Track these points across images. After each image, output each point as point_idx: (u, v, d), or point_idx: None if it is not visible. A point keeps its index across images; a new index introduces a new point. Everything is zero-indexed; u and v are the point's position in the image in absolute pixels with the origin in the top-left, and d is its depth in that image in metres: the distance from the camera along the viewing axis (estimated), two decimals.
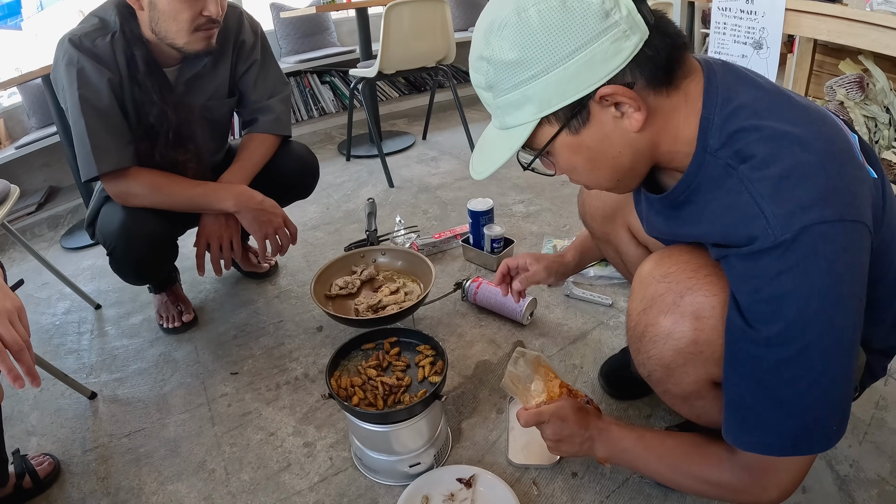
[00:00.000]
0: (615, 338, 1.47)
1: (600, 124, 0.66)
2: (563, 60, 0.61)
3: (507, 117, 0.69)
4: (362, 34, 2.96)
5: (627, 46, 0.61)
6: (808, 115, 0.65)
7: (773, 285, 0.61)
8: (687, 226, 0.74)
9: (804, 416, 0.65)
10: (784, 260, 0.60)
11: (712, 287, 0.71)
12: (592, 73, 0.62)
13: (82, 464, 1.24)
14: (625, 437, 0.90)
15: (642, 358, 0.79)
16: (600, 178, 0.73)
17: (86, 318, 1.79)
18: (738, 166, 0.64)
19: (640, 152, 0.69)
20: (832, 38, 1.76)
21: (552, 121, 0.66)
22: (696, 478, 0.80)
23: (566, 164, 0.71)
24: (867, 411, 1.19)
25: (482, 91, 0.69)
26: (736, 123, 0.64)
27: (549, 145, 0.68)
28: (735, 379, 0.68)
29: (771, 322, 0.62)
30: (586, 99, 0.64)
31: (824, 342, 0.61)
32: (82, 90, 1.25)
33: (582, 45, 0.60)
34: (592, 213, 1.13)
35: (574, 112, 0.65)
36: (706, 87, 0.66)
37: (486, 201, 1.84)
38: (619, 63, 0.62)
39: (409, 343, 1.22)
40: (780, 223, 0.60)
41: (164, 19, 1.26)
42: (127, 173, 1.32)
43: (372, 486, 1.12)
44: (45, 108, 2.72)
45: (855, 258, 0.61)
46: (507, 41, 0.63)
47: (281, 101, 1.56)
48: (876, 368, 0.84)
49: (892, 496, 1.02)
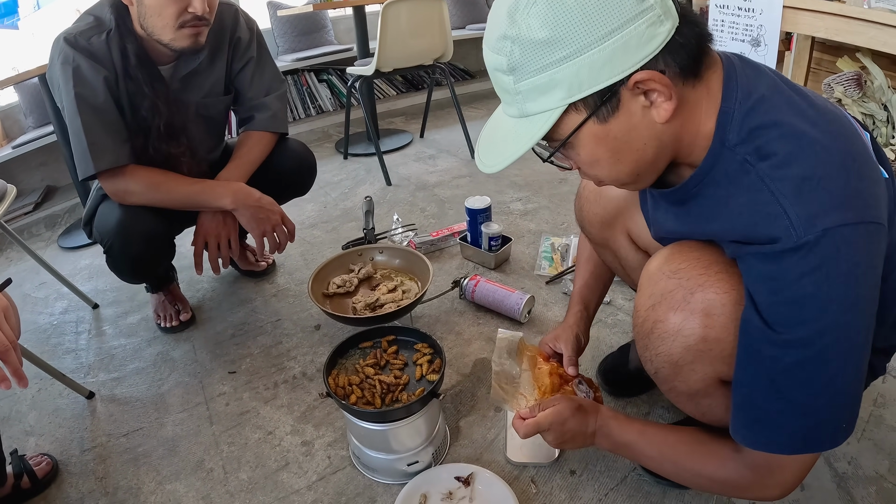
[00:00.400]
0: (613, 335, 1.47)
1: (629, 114, 0.63)
2: (600, 42, 0.58)
3: (529, 103, 0.64)
4: (359, 32, 2.95)
5: (661, 32, 0.59)
6: (826, 114, 0.64)
7: (794, 287, 0.61)
8: (701, 224, 0.73)
9: (816, 416, 0.65)
10: (806, 262, 0.59)
11: (723, 284, 0.70)
12: (628, 57, 0.59)
13: (80, 463, 1.24)
14: (626, 431, 0.89)
15: (650, 354, 0.78)
16: (621, 173, 0.69)
17: (83, 317, 1.78)
18: (756, 163, 0.63)
19: (663, 145, 0.67)
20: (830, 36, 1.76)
21: (580, 108, 0.63)
22: (699, 474, 0.79)
23: (588, 157, 0.67)
24: (866, 409, 1.20)
25: (501, 75, 0.64)
26: (756, 119, 0.63)
27: (573, 135, 0.64)
28: (747, 378, 0.68)
29: (791, 325, 0.62)
30: (618, 85, 0.60)
31: (841, 345, 0.61)
32: (78, 88, 1.24)
33: (619, 27, 0.57)
34: (591, 219, 1.10)
35: (605, 99, 0.61)
36: (726, 81, 0.65)
37: (483, 199, 1.84)
38: (653, 48, 0.59)
39: (406, 341, 1.22)
40: (803, 225, 0.59)
41: (151, 14, 1.26)
42: (124, 171, 1.32)
43: (370, 485, 1.12)
44: (41, 108, 2.72)
45: (873, 260, 0.62)
46: (537, 18, 0.58)
47: (277, 99, 1.56)
48: (877, 367, 0.84)
49: (890, 493, 1.02)
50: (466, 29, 3.93)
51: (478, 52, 4.28)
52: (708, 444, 0.79)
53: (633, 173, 0.69)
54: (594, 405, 0.95)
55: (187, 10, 1.25)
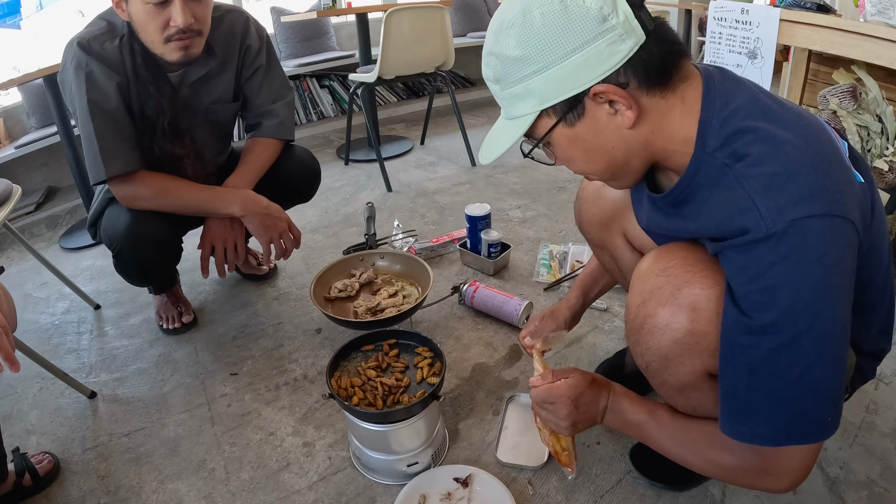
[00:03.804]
0: (610, 342, 1.49)
1: (594, 119, 0.71)
2: (562, 59, 0.66)
3: (511, 108, 0.74)
4: (362, 39, 2.98)
5: (622, 49, 0.66)
6: (800, 119, 0.68)
7: (766, 275, 0.64)
8: (685, 222, 0.77)
9: (796, 405, 0.67)
10: (776, 251, 0.63)
11: (708, 280, 0.74)
12: (588, 71, 0.67)
13: (82, 462, 1.25)
14: (637, 410, 0.90)
15: (641, 349, 0.81)
16: (596, 169, 0.78)
17: (85, 318, 1.80)
18: (733, 165, 0.67)
19: (633, 148, 0.73)
20: (826, 49, 1.79)
21: (551, 113, 0.72)
22: (709, 461, 0.80)
23: (563, 154, 0.77)
24: (858, 415, 1.22)
25: (491, 83, 0.75)
26: (733, 125, 0.68)
27: (547, 136, 0.74)
28: (729, 369, 0.70)
29: (764, 311, 0.64)
30: (581, 95, 0.69)
31: (815, 331, 0.64)
32: (91, 94, 1.26)
33: (579, 46, 0.66)
34: (589, 219, 1.14)
35: (570, 107, 0.70)
36: (705, 92, 0.70)
37: (483, 206, 1.86)
38: (613, 64, 0.66)
39: (407, 345, 1.24)
40: (771, 216, 0.63)
41: (140, 30, 1.27)
42: (134, 177, 1.33)
43: (370, 486, 1.13)
44: (45, 108, 2.73)
45: (842, 252, 0.64)
46: (513, 39, 0.68)
47: (285, 106, 1.58)
48: (866, 370, 0.86)
49: (881, 497, 1.04)
50: (468, 37, 3.97)
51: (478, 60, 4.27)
52: (718, 433, 0.78)
53: (607, 171, 0.77)
54: (606, 381, 0.95)
55: (170, 24, 1.24)
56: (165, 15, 1.23)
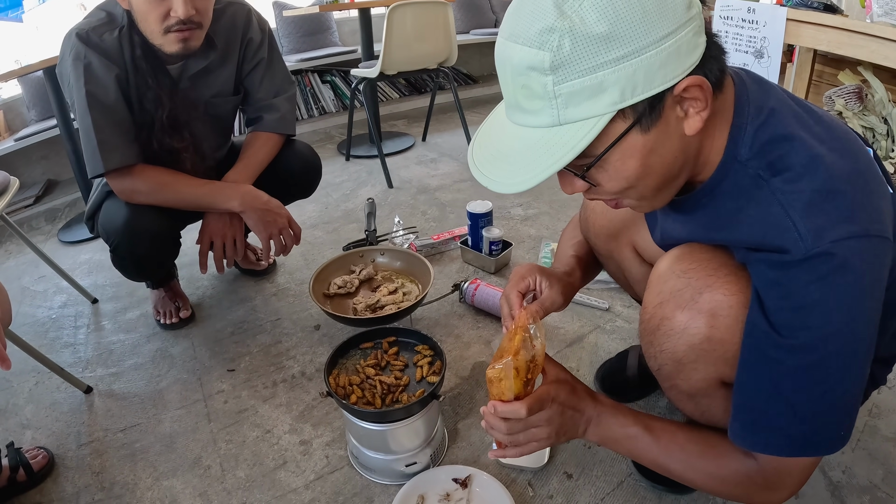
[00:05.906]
0: (611, 342, 1.48)
1: (667, 123, 0.60)
2: (658, 43, 0.54)
3: (571, 109, 0.57)
4: (364, 34, 2.96)
5: (702, 42, 0.58)
6: (833, 130, 0.66)
7: (801, 294, 0.62)
8: (710, 232, 0.74)
9: (815, 420, 0.65)
10: (814, 272, 0.61)
11: (731, 286, 0.71)
12: (679, 62, 0.56)
13: (77, 458, 1.24)
14: (627, 424, 0.83)
15: (654, 351, 0.79)
16: (645, 189, 0.66)
17: (82, 312, 1.78)
18: (769, 178, 0.64)
19: (689, 159, 0.66)
20: (832, 49, 1.78)
21: (627, 115, 0.58)
22: (710, 475, 0.77)
23: (619, 171, 0.62)
24: (860, 419, 1.20)
25: (538, 75, 0.56)
26: (767, 134, 0.64)
27: (615, 144, 0.60)
28: (750, 380, 0.69)
29: (797, 330, 0.63)
30: (665, 92, 0.57)
31: (845, 352, 0.62)
32: (89, 86, 1.24)
33: (674, 31, 0.55)
34: (597, 231, 1.08)
35: (651, 106, 0.58)
36: (737, 95, 0.66)
37: (484, 204, 1.85)
38: (697, 57, 0.58)
39: (407, 343, 1.23)
40: (811, 237, 0.60)
41: (140, 20, 1.25)
42: (133, 171, 1.32)
43: (368, 485, 1.12)
44: (45, 101, 2.72)
45: (879, 273, 0.63)
46: (594, 11, 0.53)
47: (286, 100, 1.56)
48: (878, 376, 0.85)
49: (883, 502, 1.03)
50: (471, 34, 3.95)
51: (481, 56, 4.29)
52: (721, 445, 0.77)
53: (656, 188, 0.67)
54: (588, 389, 0.88)
55: (170, 15, 1.22)
56: (167, 5, 1.21)
